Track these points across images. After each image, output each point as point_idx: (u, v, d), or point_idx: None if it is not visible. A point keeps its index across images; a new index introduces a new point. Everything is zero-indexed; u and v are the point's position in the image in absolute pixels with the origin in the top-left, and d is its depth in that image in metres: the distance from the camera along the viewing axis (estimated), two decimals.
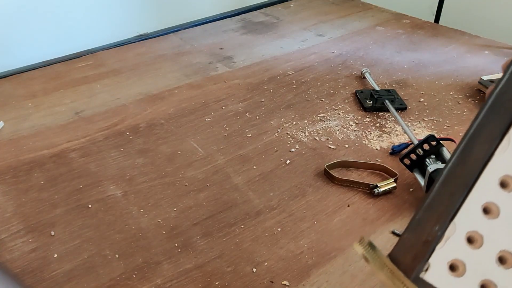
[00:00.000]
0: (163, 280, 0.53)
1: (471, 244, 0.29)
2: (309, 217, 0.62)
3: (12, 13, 0.97)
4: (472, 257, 0.29)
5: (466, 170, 0.29)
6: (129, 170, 0.70)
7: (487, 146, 0.29)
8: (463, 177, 0.29)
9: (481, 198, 0.29)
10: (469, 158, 0.29)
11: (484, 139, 0.29)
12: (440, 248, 0.29)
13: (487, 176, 0.29)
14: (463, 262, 0.29)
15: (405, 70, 0.98)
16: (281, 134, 0.78)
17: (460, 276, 0.28)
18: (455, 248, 0.29)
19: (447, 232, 0.29)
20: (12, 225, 0.60)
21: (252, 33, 1.16)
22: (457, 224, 0.29)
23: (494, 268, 0.28)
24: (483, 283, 0.29)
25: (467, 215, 0.29)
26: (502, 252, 0.29)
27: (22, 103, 0.87)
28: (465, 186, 0.29)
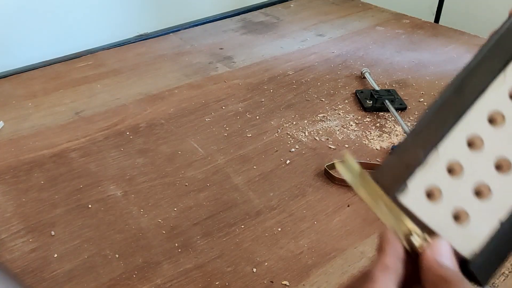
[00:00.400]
0: (163, 280, 0.53)
1: (450, 173, 0.29)
2: (309, 217, 0.62)
3: (12, 13, 0.97)
4: (449, 185, 0.29)
5: (460, 100, 0.30)
6: (129, 170, 0.70)
7: (484, 79, 0.30)
8: (456, 106, 0.30)
9: (467, 130, 0.30)
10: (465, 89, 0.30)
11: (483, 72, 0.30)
12: (420, 172, 0.29)
13: (477, 109, 0.30)
14: (439, 189, 0.29)
15: (405, 70, 0.98)
16: (281, 134, 0.78)
17: (435, 202, 0.29)
18: (434, 174, 0.29)
19: (430, 157, 0.29)
20: (12, 225, 0.60)
21: (252, 33, 1.16)
22: (441, 152, 0.29)
23: (469, 199, 0.29)
24: (456, 212, 0.29)
25: (452, 144, 0.29)
26: (478, 184, 0.29)
27: (22, 103, 0.87)
28: (456, 115, 0.30)
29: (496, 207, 0.29)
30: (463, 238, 0.29)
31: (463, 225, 0.29)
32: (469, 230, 0.29)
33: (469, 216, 0.29)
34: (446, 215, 0.29)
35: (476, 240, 0.29)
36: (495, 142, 0.29)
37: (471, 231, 0.29)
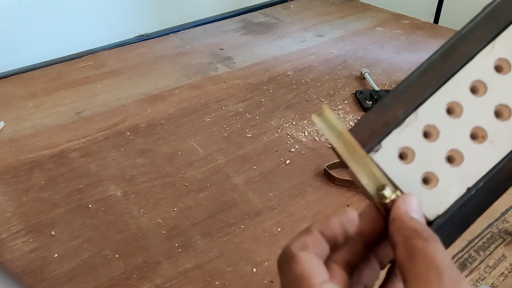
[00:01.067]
0: (163, 280, 0.53)
1: (426, 137, 0.30)
2: (309, 217, 0.62)
3: (12, 13, 0.97)
4: (423, 149, 0.29)
5: (446, 65, 0.30)
6: (129, 170, 0.70)
7: (473, 46, 0.30)
8: (442, 71, 0.30)
9: (449, 96, 0.30)
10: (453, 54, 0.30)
11: (472, 40, 0.30)
12: (397, 133, 0.29)
13: (461, 77, 0.30)
14: (413, 151, 0.29)
15: (404, 70, 0.98)
16: (281, 134, 0.78)
17: (406, 163, 0.29)
18: (410, 136, 0.29)
19: (408, 119, 0.29)
20: (12, 225, 0.60)
21: (252, 34, 1.16)
22: (419, 115, 0.29)
23: (441, 164, 0.30)
24: (426, 176, 0.30)
25: (431, 108, 0.30)
26: (452, 151, 0.30)
27: (23, 103, 0.87)
28: (440, 79, 0.30)
29: (466, 174, 0.30)
30: (429, 200, 0.29)
31: (431, 188, 0.29)
32: (436, 193, 0.29)
33: (438, 181, 0.29)
34: (416, 176, 0.29)
35: (442, 204, 0.29)
36: (474, 111, 0.30)
37: (438, 194, 0.29)
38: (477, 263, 0.55)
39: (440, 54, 0.30)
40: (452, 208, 0.29)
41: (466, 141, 0.30)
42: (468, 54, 0.30)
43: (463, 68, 0.30)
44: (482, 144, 0.30)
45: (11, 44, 0.99)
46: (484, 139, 0.30)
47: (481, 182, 0.29)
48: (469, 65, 0.30)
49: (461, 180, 0.30)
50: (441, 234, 0.28)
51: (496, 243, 0.57)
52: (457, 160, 0.30)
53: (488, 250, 0.56)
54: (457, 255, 0.56)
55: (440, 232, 0.28)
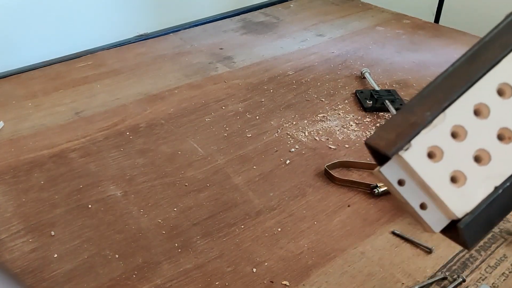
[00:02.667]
0: (163, 280, 0.53)
1: (454, 137, 0.30)
2: (309, 217, 0.62)
3: (12, 13, 0.97)
4: (451, 148, 0.30)
5: (472, 68, 0.31)
6: (129, 170, 0.70)
7: (499, 51, 0.31)
8: (468, 74, 0.31)
9: (476, 98, 0.30)
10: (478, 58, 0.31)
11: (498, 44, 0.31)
12: (425, 133, 0.30)
13: (488, 79, 0.31)
14: (442, 150, 0.30)
15: (405, 70, 0.98)
16: (281, 134, 0.78)
17: (435, 162, 0.30)
18: (439, 136, 0.30)
19: (436, 119, 0.30)
20: (12, 225, 0.60)
21: (252, 33, 1.16)
22: (447, 115, 0.30)
23: (469, 163, 0.30)
24: (454, 174, 0.30)
25: (459, 109, 0.30)
26: (479, 151, 0.30)
27: (22, 103, 0.87)
28: (466, 82, 0.30)
29: (494, 174, 0.30)
30: (457, 198, 0.30)
31: (459, 186, 0.30)
32: (464, 192, 0.30)
33: (466, 179, 0.30)
34: (444, 175, 0.30)
35: (470, 202, 0.30)
36: (501, 112, 0.30)
37: (466, 193, 0.30)
38: (478, 262, 0.55)
39: (465, 59, 0.31)
40: (480, 207, 0.30)
41: (493, 142, 0.30)
42: (494, 59, 0.31)
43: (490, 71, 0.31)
44: (509, 145, 0.30)
45: (10, 44, 0.99)
46: (510, 140, 0.31)
47: (508, 182, 0.30)
48: (495, 68, 0.31)
49: (489, 179, 0.30)
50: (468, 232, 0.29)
51: (497, 243, 0.57)
52: (485, 160, 0.30)
53: (489, 250, 0.56)
54: (458, 255, 0.56)
55: (468, 229, 0.29)
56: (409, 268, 0.54)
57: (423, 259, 0.56)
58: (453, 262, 0.55)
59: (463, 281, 0.52)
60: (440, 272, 0.53)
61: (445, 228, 0.31)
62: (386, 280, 0.53)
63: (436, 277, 0.53)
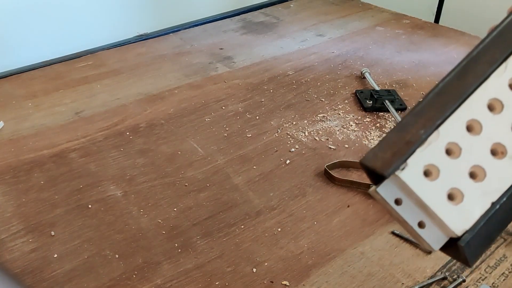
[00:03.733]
0: (163, 280, 0.53)
1: (448, 154, 0.30)
2: (309, 217, 0.62)
3: (12, 13, 0.97)
4: (447, 166, 0.30)
5: (462, 84, 0.31)
6: (129, 170, 0.70)
7: (487, 67, 0.31)
8: (458, 90, 0.31)
9: (468, 114, 0.31)
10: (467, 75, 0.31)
11: (486, 60, 0.31)
12: (420, 151, 0.30)
13: (478, 96, 0.31)
14: (438, 168, 0.30)
15: (405, 70, 0.98)
16: (281, 134, 0.78)
17: (431, 180, 0.30)
18: (434, 154, 0.30)
19: (430, 137, 0.30)
20: (12, 225, 0.60)
21: (252, 33, 1.16)
22: (441, 133, 0.30)
23: (465, 180, 0.30)
24: (451, 192, 0.30)
25: (452, 126, 0.30)
26: (474, 167, 0.31)
27: (22, 103, 0.87)
28: (458, 98, 0.31)
29: (490, 189, 0.30)
30: (456, 216, 0.30)
31: (457, 203, 0.30)
32: (462, 209, 0.30)
33: (463, 197, 0.30)
34: (442, 193, 0.30)
35: (468, 219, 0.30)
36: (492, 128, 0.31)
37: (464, 210, 0.30)
38: (478, 263, 0.55)
39: (454, 75, 0.31)
40: (478, 223, 0.30)
41: (487, 157, 0.31)
42: (483, 74, 0.31)
43: (480, 87, 0.31)
44: (503, 160, 0.31)
45: (10, 44, 0.99)
46: (503, 154, 0.31)
47: (504, 197, 0.30)
48: (484, 84, 0.31)
49: (485, 195, 0.30)
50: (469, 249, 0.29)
51: (497, 243, 0.57)
52: (480, 176, 0.30)
53: (489, 250, 0.56)
54: None
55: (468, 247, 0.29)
56: (409, 268, 0.54)
57: (422, 259, 0.56)
58: (452, 262, 0.55)
59: (463, 281, 0.52)
60: (440, 272, 0.54)
61: (444, 245, 0.31)
62: (386, 280, 0.53)
63: (436, 277, 0.53)
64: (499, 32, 0.31)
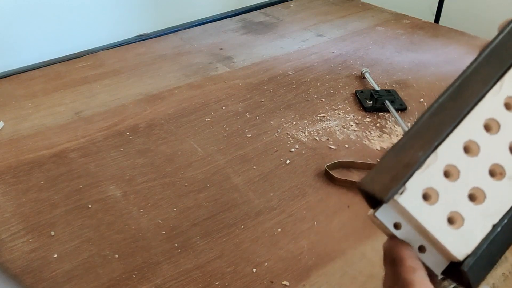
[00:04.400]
0: (163, 280, 0.53)
1: (447, 176, 0.30)
2: (309, 217, 0.62)
3: (12, 13, 0.97)
4: (446, 189, 0.30)
5: (457, 104, 0.30)
6: (129, 170, 0.70)
7: (482, 86, 0.30)
8: (454, 110, 0.30)
9: (465, 135, 0.30)
10: (462, 94, 0.30)
11: (480, 79, 0.30)
12: (419, 174, 0.29)
13: (474, 116, 0.30)
14: (437, 192, 0.29)
15: (405, 70, 0.98)
16: (281, 134, 0.78)
17: (431, 204, 0.29)
18: (432, 177, 0.29)
19: (428, 160, 0.29)
20: (12, 225, 0.60)
21: (252, 33, 1.16)
22: (439, 155, 0.30)
23: (464, 203, 0.30)
24: (451, 215, 0.30)
25: (450, 148, 0.30)
26: (473, 189, 0.30)
27: (22, 103, 0.87)
28: (454, 119, 0.30)
29: (490, 212, 0.30)
30: (457, 240, 0.29)
31: (457, 227, 0.29)
32: (463, 233, 0.29)
33: (463, 220, 0.30)
34: (442, 217, 0.29)
35: (469, 243, 0.29)
36: (490, 148, 0.30)
37: (465, 234, 0.29)
38: None
39: (449, 95, 0.31)
40: (480, 247, 0.29)
41: (486, 179, 0.30)
42: (478, 94, 0.30)
43: (475, 107, 0.30)
44: (502, 181, 0.30)
45: (10, 44, 0.99)
46: (502, 175, 0.30)
47: (505, 219, 0.30)
48: (480, 104, 0.30)
49: (486, 218, 0.30)
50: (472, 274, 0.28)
51: None
52: (479, 198, 0.30)
53: None
54: None
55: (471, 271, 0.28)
56: None
57: None
58: None
59: None
60: None
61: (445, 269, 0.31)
62: None
63: None
64: (492, 50, 0.31)
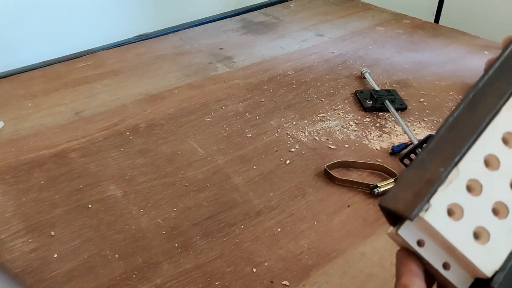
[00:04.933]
0: (163, 280, 0.53)
1: (470, 191, 0.29)
2: (309, 217, 0.62)
3: (12, 13, 0.97)
4: (470, 204, 0.29)
5: (474, 117, 0.30)
6: (129, 170, 0.70)
7: (496, 100, 0.30)
8: (471, 124, 0.30)
9: (484, 149, 0.30)
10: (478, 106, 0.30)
11: (492, 93, 0.30)
12: (442, 190, 0.29)
13: (492, 130, 0.30)
14: (461, 207, 0.29)
15: (405, 70, 0.98)
16: (281, 134, 0.78)
17: (456, 220, 0.29)
18: (456, 192, 0.29)
19: (450, 175, 0.29)
20: (12, 225, 0.60)
21: (252, 33, 1.16)
22: (461, 170, 0.29)
23: (489, 217, 0.29)
24: (477, 231, 0.29)
25: (471, 163, 0.29)
26: (497, 203, 0.29)
27: (22, 103, 0.87)
28: (472, 133, 0.30)
29: None
30: (484, 256, 0.29)
31: (483, 243, 0.29)
32: (490, 248, 0.29)
33: (489, 235, 0.29)
34: (468, 233, 0.29)
35: (497, 259, 0.29)
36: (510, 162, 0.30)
37: (491, 249, 0.29)
38: None
39: (464, 108, 0.30)
40: (508, 262, 0.29)
41: (508, 192, 0.30)
42: (493, 108, 0.30)
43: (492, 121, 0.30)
44: None
45: (10, 44, 0.99)
46: None
47: None
48: (497, 118, 0.30)
49: (510, 232, 0.29)
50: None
51: None
52: (503, 212, 0.29)
53: None
54: None
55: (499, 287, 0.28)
56: None
57: None
58: None
59: None
60: None
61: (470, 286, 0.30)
62: (386, 280, 0.53)
63: None
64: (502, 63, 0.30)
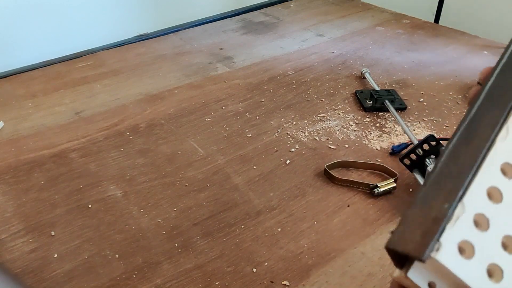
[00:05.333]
0: (163, 280, 0.53)
1: (478, 226, 0.28)
2: (309, 217, 0.62)
3: (12, 13, 0.97)
4: (480, 240, 0.28)
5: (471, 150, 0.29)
6: (129, 170, 0.70)
7: (490, 130, 0.29)
8: (469, 156, 0.29)
9: (485, 182, 0.29)
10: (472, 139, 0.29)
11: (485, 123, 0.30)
12: (450, 228, 0.28)
13: (490, 161, 0.29)
14: (472, 244, 0.28)
15: (405, 70, 0.98)
16: (281, 134, 0.78)
17: (468, 258, 0.28)
18: (464, 229, 0.28)
19: (456, 211, 0.28)
20: (12, 225, 0.60)
21: (252, 33, 1.16)
22: (466, 205, 0.28)
23: (500, 253, 0.28)
24: (490, 268, 0.28)
25: (474, 197, 0.28)
26: (505, 237, 0.28)
27: (22, 103, 0.87)
28: (472, 165, 0.29)
29: None
30: None
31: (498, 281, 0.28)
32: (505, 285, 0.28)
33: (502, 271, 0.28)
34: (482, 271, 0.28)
35: None
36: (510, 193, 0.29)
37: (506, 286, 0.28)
38: None
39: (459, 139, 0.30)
40: None
41: None
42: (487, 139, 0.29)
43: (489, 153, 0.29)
44: None
45: (10, 44, 0.99)
46: None
47: None
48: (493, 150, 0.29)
49: None
50: None
51: None
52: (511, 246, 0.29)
53: None
54: None
55: None
56: None
57: None
58: None
59: None
60: None
61: None
62: (386, 280, 0.53)
63: None
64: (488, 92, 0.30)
